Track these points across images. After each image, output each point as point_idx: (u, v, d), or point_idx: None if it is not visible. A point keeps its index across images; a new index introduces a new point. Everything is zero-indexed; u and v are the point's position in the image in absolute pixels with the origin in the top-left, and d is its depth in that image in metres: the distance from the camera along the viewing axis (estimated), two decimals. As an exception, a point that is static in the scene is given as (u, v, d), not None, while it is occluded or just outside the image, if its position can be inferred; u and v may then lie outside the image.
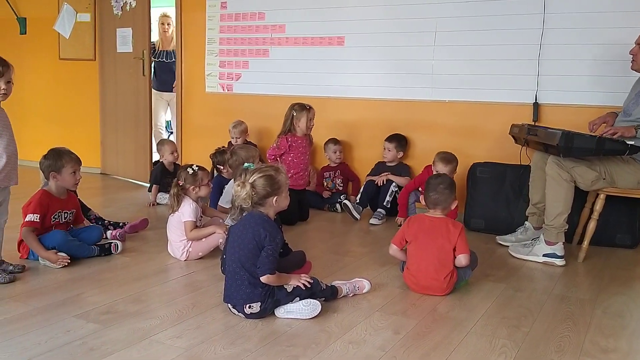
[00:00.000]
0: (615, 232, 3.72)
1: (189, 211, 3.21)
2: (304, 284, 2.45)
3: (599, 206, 3.38)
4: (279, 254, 2.45)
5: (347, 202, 4.38)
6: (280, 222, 2.94)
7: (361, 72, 4.67)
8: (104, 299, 2.58)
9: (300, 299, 2.43)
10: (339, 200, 4.58)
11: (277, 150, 4.27)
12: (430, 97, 4.44)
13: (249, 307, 2.37)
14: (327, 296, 2.58)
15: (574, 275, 3.20)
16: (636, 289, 3.00)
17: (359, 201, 4.40)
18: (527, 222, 3.73)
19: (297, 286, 2.44)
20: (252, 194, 2.43)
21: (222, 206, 3.96)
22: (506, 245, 3.67)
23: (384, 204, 4.29)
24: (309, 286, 2.46)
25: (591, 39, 3.89)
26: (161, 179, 4.67)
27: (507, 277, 3.10)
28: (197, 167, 3.27)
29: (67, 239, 3.05)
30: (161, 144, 4.85)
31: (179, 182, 3.24)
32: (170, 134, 7.13)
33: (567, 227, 3.33)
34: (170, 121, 7.00)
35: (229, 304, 2.45)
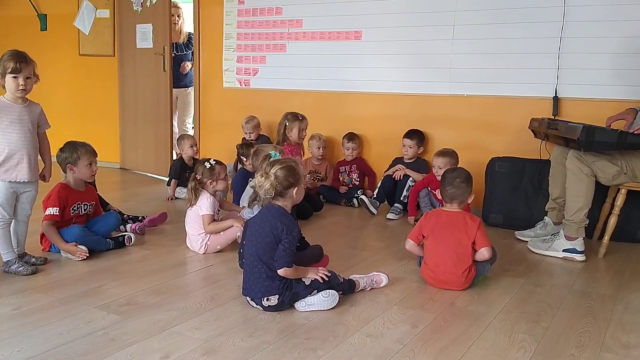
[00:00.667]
0: (636, 228, 3.67)
1: (206, 205, 3.24)
2: (321, 277, 2.46)
3: (620, 201, 3.34)
4: (297, 248, 2.46)
5: (363, 197, 4.37)
6: (295, 217, 2.95)
7: (378, 66, 4.65)
8: (124, 291, 2.62)
9: (318, 292, 2.44)
10: (356, 195, 4.57)
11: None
12: (448, 91, 4.41)
13: (267, 299, 2.38)
14: (345, 289, 2.58)
15: (594, 270, 3.16)
16: (658, 285, 2.96)
17: (376, 196, 4.39)
18: (546, 217, 3.69)
19: (315, 279, 2.45)
20: (276, 184, 2.45)
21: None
22: (525, 240, 3.64)
23: (401, 198, 4.27)
24: (327, 279, 2.47)
25: (612, 32, 3.83)
26: (180, 173, 4.70)
27: (526, 272, 3.07)
28: (214, 162, 3.29)
29: (84, 233, 3.10)
30: (181, 139, 4.89)
31: (197, 176, 3.26)
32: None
33: (587, 222, 3.29)
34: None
35: (247, 297, 2.47)
